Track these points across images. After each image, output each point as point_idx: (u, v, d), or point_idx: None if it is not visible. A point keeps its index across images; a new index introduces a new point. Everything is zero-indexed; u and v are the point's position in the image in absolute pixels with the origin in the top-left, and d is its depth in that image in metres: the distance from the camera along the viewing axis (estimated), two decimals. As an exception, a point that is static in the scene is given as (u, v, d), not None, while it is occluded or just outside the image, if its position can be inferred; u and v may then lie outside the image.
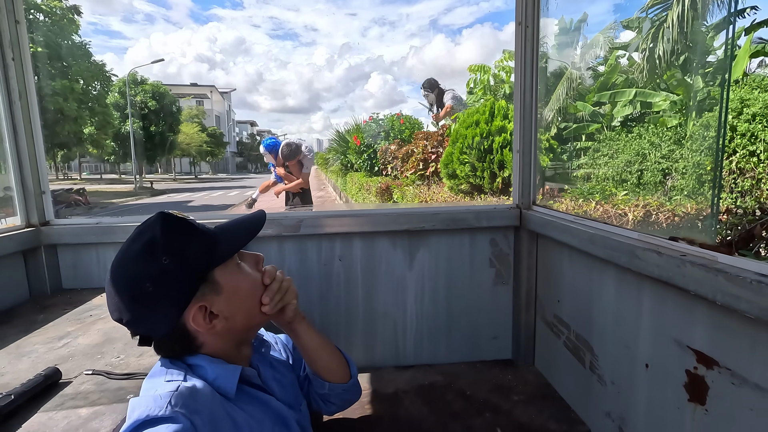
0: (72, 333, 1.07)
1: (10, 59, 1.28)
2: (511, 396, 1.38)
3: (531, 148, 1.47)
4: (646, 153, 13.23)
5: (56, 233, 1.39)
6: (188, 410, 0.58)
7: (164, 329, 0.68)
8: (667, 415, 0.90)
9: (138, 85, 30.35)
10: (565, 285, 1.32)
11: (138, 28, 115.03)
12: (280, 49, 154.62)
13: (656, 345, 0.92)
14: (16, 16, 1.29)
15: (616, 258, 0.97)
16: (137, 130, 28.40)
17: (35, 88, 1.35)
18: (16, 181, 1.34)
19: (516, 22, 1.42)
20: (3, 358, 0.93)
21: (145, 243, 0.68)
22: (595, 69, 16.44)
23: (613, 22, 15.32)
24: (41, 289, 1.40)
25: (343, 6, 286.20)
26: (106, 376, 0.85)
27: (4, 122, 1.30)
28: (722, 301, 0.68)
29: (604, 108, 15.50)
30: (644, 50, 12.61)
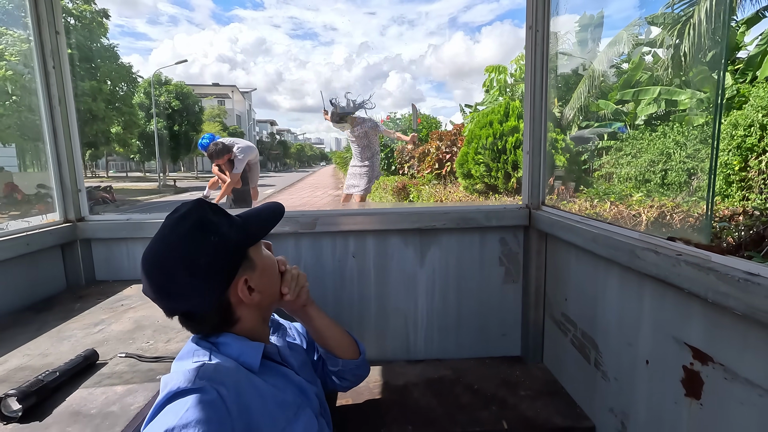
0: (106, 320, 1.16)
1: (51, 67, 1.39)
2: (518, 391, 1.42)
3: (540, 149, 1.50)
4: (670, 152, 12.88)
5: (91, 228, 1.49)
6: (214, 382, 0.65)
7: (211, 302, 0.75)
8: (665, 409, 0.92)
9: (162, 86, 31.15)
10: (572, 284, 1.35)
11: (162, 29, 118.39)
12: (300, 49, 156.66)
13: (656, 342, 0.95)
14: (56, 27, 1.39)
15: (618, 257, 1.00)
16: (161, 130, 29.18)
17: (72, 93, 1.46)
18: (55, 179, 1.45)
19: (527, 26, 1.46)
20: (46, 341, 1.03)
21: (195, 223, 0.75)
22: (618, 66, 16.07)
23: (637, 19, 14.94)
24: (77, 281, 1.50)
25: (362, 5, 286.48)
26: (138, 358, 0.93)
27: (45, 125, 1.41)
28: (713, 299, 0.71)
29: (627, 106, 15.15)
30: (669, 47, 12.28)
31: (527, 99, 1.49)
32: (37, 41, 1.37)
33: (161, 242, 0.75)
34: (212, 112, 44.36)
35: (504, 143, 4.23)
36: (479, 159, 4.46)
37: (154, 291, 0.74)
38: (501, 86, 14.35)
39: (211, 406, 0.62)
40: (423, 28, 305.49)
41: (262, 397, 0.72)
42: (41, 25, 1.36)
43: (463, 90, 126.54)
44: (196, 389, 0.63)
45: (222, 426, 0.62)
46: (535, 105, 1.47)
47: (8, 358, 0.95)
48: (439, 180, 6.75)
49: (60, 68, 1.41)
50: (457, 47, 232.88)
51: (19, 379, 0.84)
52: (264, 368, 0.78)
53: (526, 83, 1.50)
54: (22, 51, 15.23)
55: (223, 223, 0.77)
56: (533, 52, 1.44)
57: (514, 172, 4.28)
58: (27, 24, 4.73)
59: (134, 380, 0.84)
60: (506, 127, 4.21)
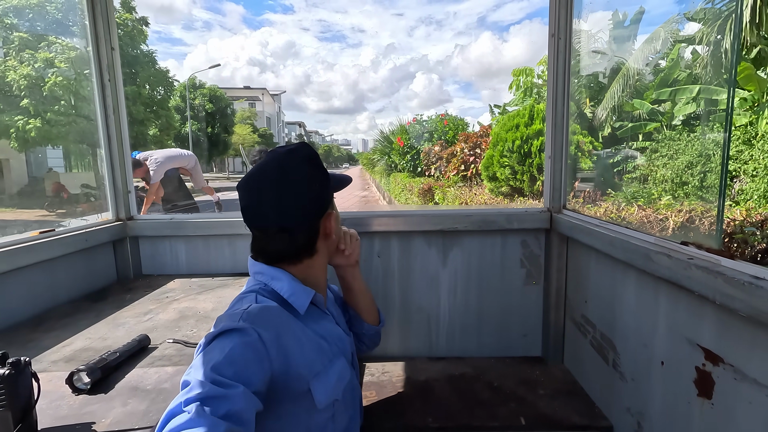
0: (153, 310, 1.28)
1: (107, 80, 1.53)
2: (538, 390, 1.45)
3: (562, 154, 1.53)
4: (710, 154, 12.32)
5: (139, 227, 1.63)
6: (256, 325, 0.72)
7: (310, 224, 0.87)
8: (679, 409, 0.95)
9: (196, 89, 32.33)
10: (591, 286, 1.37)
11: (197, 34, 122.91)
12: (328, 51, 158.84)
13: (670, 343, 0.97)
14: (111, 44, 1.54)
15: (634, 261, 1.03)
16: (196, 132, 30.27)
17: (124, 103, 1.60)
18: (108, 181, 1.59)
19: (549, 33, 1.49)
20: (104, 327, 1.15)
21: (306, 156, 0.88)
22: (655, 64, 15.49)
23: (676, 15, 14.37)
24: (126, 274, 1.65)
25: (390, 6, 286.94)
26: (184, 344, 1.04)
27: (101, 132, 1.56)
28: (721, 301, 0.75)
29: (664, 106, 14.59)
30: (710, 44, 11.76)
31: (549, 105, 1.53)
32: (95, 56, 1.51)
33: (280, 167, 0.86)
34: (243, 114, 45.60)
35: (529, 146, 4.21)
36: (504, 162, 4.46)
37: (254, 212, 0.85)
38: (527, 88, 14.14)
39: (252, 347, 0.70)
40: (451, 29, 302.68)
41: (300, 341, 0.80)
42: (99, 42, 1.50)
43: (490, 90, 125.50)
44: (240, 330, 0.70)
45: (261, 365, 0.69)
46: (557, 111, 1.50)
47: (73, 341, 1.07)
48: (464, 182, 6.76)
49: (114, 81, 1.55)
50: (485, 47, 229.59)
51: (84, 358, 0.95)
52: (308, 314, 0.87)
53: (549, 90, 1.53)
54: (70, 58, 16.15)
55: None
56: (555, 59, 1.47)
57: (539, 174, 4.26)
58: (74, 32, 5.03)
59: (182, 363, 0.95)
60: (531, 130, 4.20)
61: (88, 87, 5.69)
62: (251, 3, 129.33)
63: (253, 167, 0.88)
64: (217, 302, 1.34)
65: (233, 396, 0.62)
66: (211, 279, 1.59)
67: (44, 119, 15.27)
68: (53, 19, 17.97)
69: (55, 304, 1.34)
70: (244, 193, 0.87)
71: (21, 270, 1.23)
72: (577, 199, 5.21)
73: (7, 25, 15.64)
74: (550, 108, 1.52)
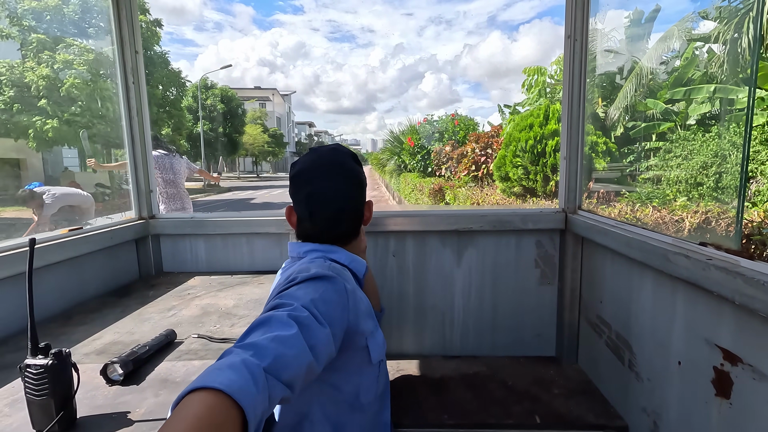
0: (177, 306, 1.32)
1: (131, 83, 1.58)
2: (552, 389, 1.46)
3: (578, 155, 1.53)
4: (726, 154, 12.11)
5: (160, 225, 1.68)
6: (341, 277, 0.81)
7: (360, 211, 1.00)
8: (696, 409, 0.96)
9: (208, 90, 32.68)
10: (606, 286, 1.38)
11: (208, 35, 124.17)
12: (338, 52, 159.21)
13: (688, 343, 0.98)
14: (136, 47, 1.58)
15: (652, 261, 1.03)
16: (207, 132, 30.61)
17: (147, 105, 1.65)
18: (132, 181, 1.64)
19: (565, 35, 1.50)
20: (131, 322, 1.19)
21: (349, 152, 1.02)
22: (669, 63, 15.27)
23: (690, 13, 14.15)
24: (148, 271, 1.69)
25: (400, 6, 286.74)
26: (209, 339, 1.07)
27: (125, 132, 1.60)
28: (740, 302, 0.75)
29: (678, 105, 14.38)
30: (726, 42, 11.56)
31: (565, 107, 1.53)
32: (120, 59, 1.56)
33: (336, 159, 0.98)
34: (254, 114, 45.96)
35: (544, 146, 4.20)
36: (517, 162, 4.45)
37: (340, 191, 0.95)
38: (540, 88, 14.04)
39: (340, 294, 0.78)
40: (461, 28, 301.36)
41: (363, 301, 0.88)
42: (124, 46, 1.55)
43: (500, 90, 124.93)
44: (332, 277, 0.79)
45: (343, 313, 0.77)
46: (573, 113, 1.51)
47: (102, 334, 1.11)
48: (475, 182, 6.74)
49: (138, 84, 1.60)
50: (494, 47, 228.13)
51: (114, 351, 0.99)
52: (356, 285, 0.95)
53: (564, 91, 1.54)
54: (88, 60, 16.43)
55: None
56: (571, 61, 1.48)
57: (553, 175, 4.25)
58: (91, 34, 5.12)
59: (208, 357, 0.98)
60: (546, 130, 4.18)
61: (105, 88, 5.84)
62: (261, 4, 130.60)
63: (304, 160, 1.00)
64: (238, 299, 1.37)
65: (321, 333, 0.67)
66: (230, 276, 1.62)
67: (61, 120, 15.57)
68: (70, 21, 18.31)
69: (83, 299, 1.39)
70: (318, 180, 0.95)
71: (52, 266, 1.28)
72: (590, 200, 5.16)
73: (26, 27, 15.97)
74: (566, 110, 1.52)
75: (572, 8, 1.45)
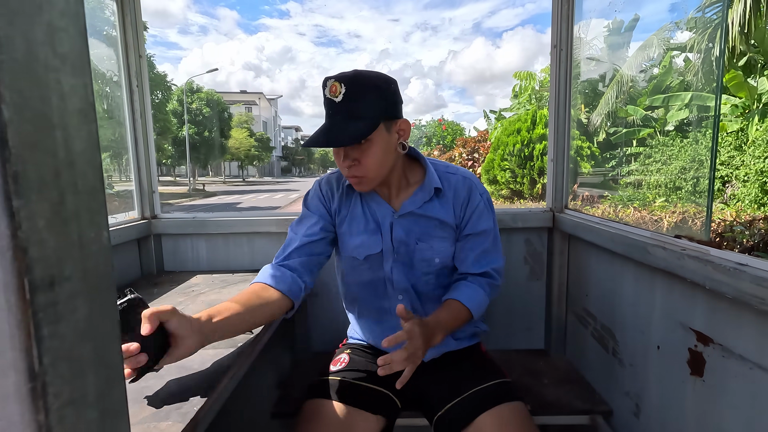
0: (182, 302, 1.36)
1: (135, 86, 1.62)
2: (542, 379, 1.54)
3: (564, 158, 1.63)
4: (702, 159, 12.51)
5: (162, 225, 1.71)
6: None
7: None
8: (674, 388, 1.05)
9: (194, 94, 32.40)
10: (592, 281, 1.47)
11: (193, 38, 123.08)
12: (324, 56, 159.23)
13: (665, 328, 1.07)
14: (139, 51, 1.63)
15: (633, 254, 1.13)
16: (192, 136, 30.31)
17: (150, 108, 1.69)
18: (135, 181, 1.68)
19: (551, 44, 1.60)
20: (140, 316, 1.23)
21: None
22: (648, 71, 15.78)
23: (668, 23, 14.66)
24: (150, 271, 1.72)
25: (386, 12, 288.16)
26: (219, 331, 1.12)
27: (129, 135, 1.64)
28: (710, 286, 0.84)
29: (657, 112, 14.85)
30: (701, 51, 12.01)
31: (551, 112, 1.63)
32: (124, 63, 1.60)
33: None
34: (240, 118, 45.64)
35: (531, 150, 4.33)
36: (505, 165, 4.58)
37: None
38: (530, 93, 14.35)
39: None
40: (446, 34, 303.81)
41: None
42: (128, 50, 1.59)
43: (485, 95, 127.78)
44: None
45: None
46: (559, 117, 1.61)
47: (114, 328, 1.15)
48: (463, 186, 6.90)
49: (141, 87, 1.64)
50: (478, 53, 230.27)
51: (129, 343, 1.04)
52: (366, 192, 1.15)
53: (551, 98, 1.64)
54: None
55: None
56: (558, 69, 1.58)
57: (540, 178, 4.38)
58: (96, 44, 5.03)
59: (220, 347, 1.03)
60: (534, 134, 4.32)
61: (99, 92, 5.70)
62: (246, 8, 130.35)
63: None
64: (242, 295, 1.42)
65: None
66: (232, 275, 1.67)
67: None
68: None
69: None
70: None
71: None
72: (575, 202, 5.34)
73: None
74: (552, 114, 1.62)
75: (558, 19, 1.55)
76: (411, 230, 1.11)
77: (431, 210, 1.11)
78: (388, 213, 1.11)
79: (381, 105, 0.95)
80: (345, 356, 1.18)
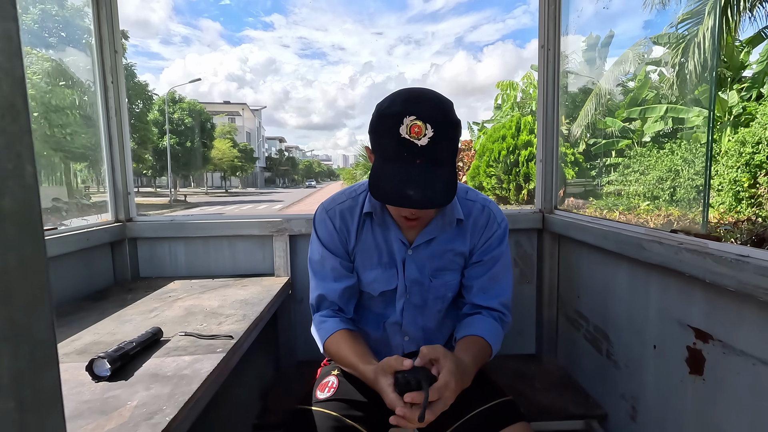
0: (159, 308, 1.28)
1: (110, 82, 1.55)
2: (534, 384, 1.50)
3: (553, 158, 1.62)
4: (679, 169, 12.87)
5: (138, 228, 1.63)
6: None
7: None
8: (672, 388, 1.02)
9: (176, 104, 31.95)
10: (584, 281, 1.45)
11: (175, 49, 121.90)
12: (308, 68, 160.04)
13: (662, 327, 1.05)
14: (115, 47, 1.56)
15: (627, 251, 1.10)
16: (174, 146, 29.82)
17: (126, 107, 1.61)
18: (108, 182, 1.59)
19: (539, 45, 1.59)
20: (111, 323, 1.15)
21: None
22: (625, 85, 16.28)
23: (643, 39, 15.19)
24: (124, 276, 1.63)
25: (370, 26, 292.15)
26: (197, 336, 1.05)
27: (102, 134, 1.56)
28: (710, 279, 0.82)
29: (634, 124, 15.27)
30: (675, 65, 12.45)
31: (540, 112, 1.62)
32: (99, 59, 1.53)
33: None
34: (223, 129, 45.19)
35: (516, 156, 4.37)
36: (491, 172, 4.61)
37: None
38: (513, 102, 14.69)
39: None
40: (429, 48, 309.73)
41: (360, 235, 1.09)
42: (103, 45, 1.52)
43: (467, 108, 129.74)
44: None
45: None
46: (548, 117, 1.60)
47: (81, 335, 1.07)
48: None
49: (117, 83, 1.57)
50: (460, 66, 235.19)
51: (96, 351, 0.95)
52: (377, 220, 1.07)
53: (539, 98, 1.63)
54: (44, 69, 15.80)
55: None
56: (545, 69, 1.57)
57: (525, 184, 4.41)
58: (51, 43, 4.98)
59: (198, 352, 0.96)
60: (519, 141, 4.36)
61: (65, 98, 5.59)
62: (230, 20, 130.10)
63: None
64: (222, 300, 1.35)
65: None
66: (212, 280, 1.59)
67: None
68: (29, 30, 17.61)
69: (56, 303, 1.32)
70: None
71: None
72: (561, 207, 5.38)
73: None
74: (541, 115, 1.61)
75: (545, 20, 1.55)
76: (424, 266, 1.02)
77: (449, 240, 1.02)
78: (401, 247, 1.02)
79: (458, 141, 0.84)
80: (333, 380, 1.03)
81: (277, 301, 1.43)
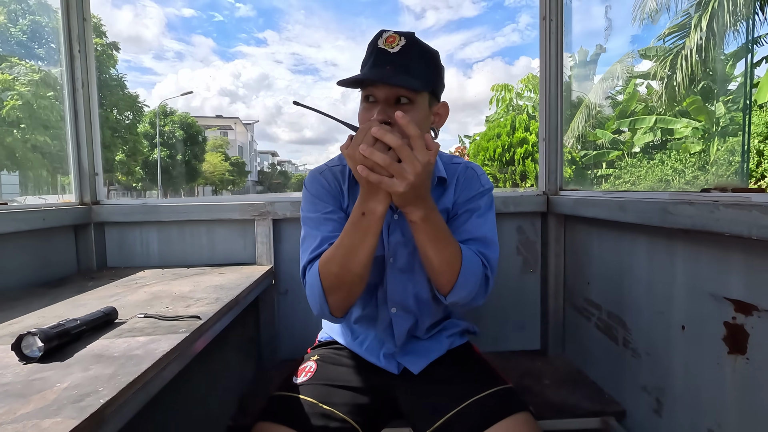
0: (121, 293, 1.13)
1: (77, 51, 1.42)
2: (542, 380, 1.36)
3: (557, 137, 1.51)
4: (669, 179, 12.96)
5: (106, 211, 1.48)
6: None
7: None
8: (705, 373, 0.89)
9: (167, 116, 31.76)
10: (594, 265, 1.32)
11: (168, 64, 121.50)
12: (301, 84, 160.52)
13: (691, 303, 0.92)
14: (84, 13, 1.43)
15: (648, 219, 0.98)
16: (165, 159, 29.54)
17: (96, 79, 1.48)
18: (73, 162, 1.45)
19: (540, 17, 1.50)
20: (62, 308, 1.00)
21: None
22: (614, 98, 16.54)
23: (630, 52, 15.50)
24: (88, 265, 1.47)
25: (363, 42, 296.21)
26: (159, 318, 0.90)
27: (67, 107, 1.42)
28: (758, 235, 0.70)
29: (624, 135, 15.44)
30: (663, 78, 12.65)
31: (542, 88, 1.52)
32: (65, 26, 1.40)
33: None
34: (215, 142, 45.02)
35: (512, 154, 4.29)
36: (486, 170, 4.52)
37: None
38: (507, 104, 14.94)
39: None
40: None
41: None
42: (69, 10, 1.40)
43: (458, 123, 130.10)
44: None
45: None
46: (551, 94, 1.50)
47: (23, 319, 0.91)
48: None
49: (85, 53, 1.44)
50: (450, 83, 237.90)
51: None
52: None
53: (541, 73, 1.53)
54: (33, 81, 15.64)
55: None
56: (548, 41, 1.48)
57: (522, 182, 4.33)
58: (39, 55, 4.84)
59: (156, 333, 0.81)
60: (514, 138, 4.29)
61: (49, 108, 5.44)
62: (223, 36, 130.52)
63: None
64: (195, 285, 1.20)
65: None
66: (187, 269, 1.44)
67: (2, 144, 14.57)
68: (17, 41, 17.49)
69: (3, 286, 1.17)
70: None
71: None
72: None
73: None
74: (543, 91, 1.51)
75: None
76: (408, 228, 0.90)
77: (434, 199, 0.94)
78: (387, 212, 0.91)
79: (433, 73, 0.84)
80: (312, 364, 1.00)
81: (257, 288, 1.29)
